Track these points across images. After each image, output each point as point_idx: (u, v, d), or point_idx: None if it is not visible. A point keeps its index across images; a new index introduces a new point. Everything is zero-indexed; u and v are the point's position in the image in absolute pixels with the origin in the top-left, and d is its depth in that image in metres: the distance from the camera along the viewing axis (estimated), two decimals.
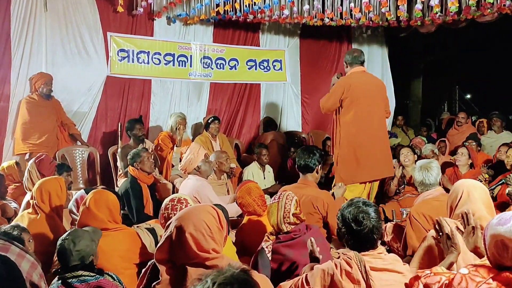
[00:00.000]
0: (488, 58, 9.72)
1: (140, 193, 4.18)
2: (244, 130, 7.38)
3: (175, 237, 1.97)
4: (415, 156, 5.11)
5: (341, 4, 5.99)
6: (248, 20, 6.42)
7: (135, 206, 4.09)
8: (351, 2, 5.83)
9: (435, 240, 2.37)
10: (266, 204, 3.26)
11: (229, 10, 6.01)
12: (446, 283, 1.80)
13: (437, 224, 2.27)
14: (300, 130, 7.67)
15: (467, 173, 5.11)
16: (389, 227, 3.86)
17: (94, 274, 2.35)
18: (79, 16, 5.91)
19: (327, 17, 6.22)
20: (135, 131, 5.46)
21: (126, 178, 4.46)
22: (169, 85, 6.68)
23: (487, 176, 5.02)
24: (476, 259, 2.15)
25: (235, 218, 3.99)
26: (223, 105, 7.13)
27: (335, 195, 3.92)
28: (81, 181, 5.77)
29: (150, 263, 2.19)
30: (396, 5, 5.73)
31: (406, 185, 4.96)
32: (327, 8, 6.07)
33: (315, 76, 7.58)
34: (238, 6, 5.96)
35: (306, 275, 2.10)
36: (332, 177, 4.82)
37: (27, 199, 3.83)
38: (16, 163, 4.77)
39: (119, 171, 5.40)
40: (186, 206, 2.70)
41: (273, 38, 7.47)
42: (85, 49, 5.99)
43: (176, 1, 5.94)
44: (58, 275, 2.35)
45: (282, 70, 7.53)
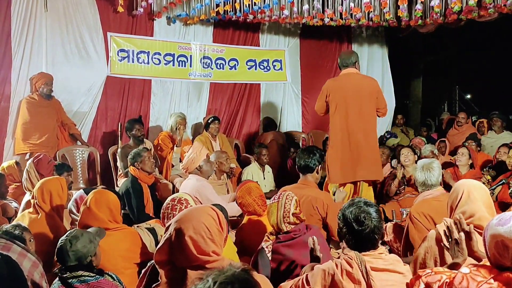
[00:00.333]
0: (488, 58, 9.73)
1: (140, 193, 4.18)
2: (244, 130, 7.37)
3: (175, 239, 1.95)
4: (415, 156, 5.11)
5: (341, 4, 5.99)
6: (248, 20, 6.41)
7: (136, 206, 4.09)
8: (351, 2, 5.83)
9: (442, 245, 2.35)
10: (266, 204, 3.26)
11: (229, 10, 6.00)
12: (447, 282, 1.80)
13: (447, 229, 2.26)
14: (300, 130, 7.66)
15: (467, 173, 5.10)
16: (389, 227, 3.87)
17: (94, 274, 2.36)
18: (79, 16, 5.92)
19: (327, 17, 6.22)
20: (134, 131, 5.46)
21: (127, 178, 4.46)
22: (169, 85, 6.68)
23: (489, 178, 5.00)
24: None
25: (235, 217, 3.99)
26: (223, 105, 7.13)
27: (336, 199, 3.92)
28: (81, 181, 5.77)
29: (150, 264, 2.18)
30: (396, 5, 5.73)
31: (406, 186, 4.96)
32: (327, 8, 6.07)
33: (316, 76, 7.57)
34: (238, 6, 5.96)
35: (307, 275, 2.09)
36: None
37: (26, 199, 3.83)
38: (16, 163, 4.78)
39: (119, 171, 5.41)
40: (186, 207, 2.70)
41: (273, 38, 7.47)
42: (85, 49, 5.99)
43: (176, 1, 5.94)
44: (58, 275, 2.35)
45: (282, 70, 7.52)
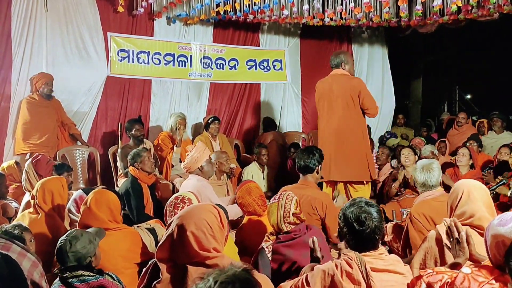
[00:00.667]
0: (488, 58, 9.72)
1: (140, 193, 4.18)
2: (244, 130, 7.36)
3: (176, 235, 1.98)
4: (415, 157, 5.10)
5: (341, 4, 5.99)
6: (248, 20, 6.41)
7: (136, 206, 4.08)
8: (351, 2, 5.83)
9: (444, 244, 2.35)
10: (266, 204, 3.26)
11: (229, 10, 6.01)
12: (448, 282, 1.80)
13: (448, 229, 2.26)
14: (300, 130, 7.65)
15: (468, 173, 5.10)
16: (389, 227, 3.86)
17: (94, 274, 2.36)
18: (79, 16, 5.92)
19: (327, 17, 6.22)
20: (134, 132, 5.45)
21: (127, 178, 4.46)
22: (169, 85, 6.68)
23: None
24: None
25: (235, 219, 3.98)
26: (223, 105, 7.12)
27: (336, 204, 3.91)
28: (81, 181, 5.77)
29: (151, 262, 2.19)
30: (397, 5, 5.73)
31: (406, 187, 4.96)
32: (327, 8, 6.07)
33: (315, 76, 7.48)
34: (238, 6, 5.96)
35: (307, 275, 2.09)
36: None
37: (26, 199, 3.83)
38: (16, 163, 4.78)
39: (119, 171, 5.40)
40: (188, 206, 2.70)
41: (273, 38, 7.47)
42: (85, 49, 5.99)
43: (176, 1, 5.94)
44: (58, 275, 2.35)
45: (282, 70, 7.52)
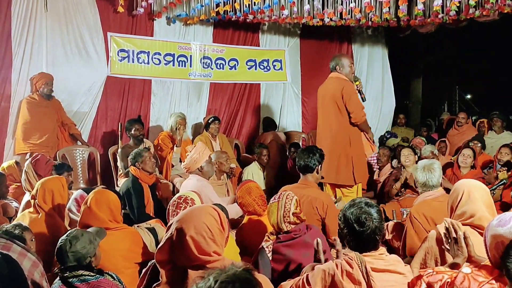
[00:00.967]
0: (488, 58, 9.72)
1: (141, 192, 4.18)
2: (244, 130, 7.37)
3: (176, 239, 1.95)
4: (416, 157, 5.10)
5: (341, 4, 5.98)
6: (248, 20, 6.41)
7: (136, 206, 4.08)
8: (351, 2, 5.83)
9: (443, 247, 2.35)
10: (266, 203, 3.25)
11: (229, 10, 6.01)
12: (448, 281, 1.80)
13: (445, 229, 2.26)
14: (300, 130, 7.65)
15: (468, 173, 5.09)
16: (390, 225, 3.86)
17: (94, 273, 2.36)
18: (79, 16, 5.92)
19: (327, 17, 6.22)
20: (134, 132, 5.45)
21: (128, 178, 4.46)
22: (169, 85, 6.68)
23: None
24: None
25: (235, 218, 3.98)
26: (223, 105, 7.13)
27: (337, 207, 3.91)
28: (81, 181, 5.77)
29: (150, 263, 2.18)
30: (397, 5, 5.73)
31: (406, 187, 4.96)
32: (327, 8, 6.07)
33: (315, 76, 7.54)
34: (238, 6, 5.96)
35: (307, 275, 2.09)
36: None
37: (26, 199, 3.83)
38: (16, 163, 4.78)
39: (119, 171, 5.40)
40: (191, 206, 2.69)
41: (273, 38, 7.47)
42: (85, 49, 5.99)
43: (176, 1, 5.94)
44: (58, 274, 2.35)
45: (282, 70, 7.52)
